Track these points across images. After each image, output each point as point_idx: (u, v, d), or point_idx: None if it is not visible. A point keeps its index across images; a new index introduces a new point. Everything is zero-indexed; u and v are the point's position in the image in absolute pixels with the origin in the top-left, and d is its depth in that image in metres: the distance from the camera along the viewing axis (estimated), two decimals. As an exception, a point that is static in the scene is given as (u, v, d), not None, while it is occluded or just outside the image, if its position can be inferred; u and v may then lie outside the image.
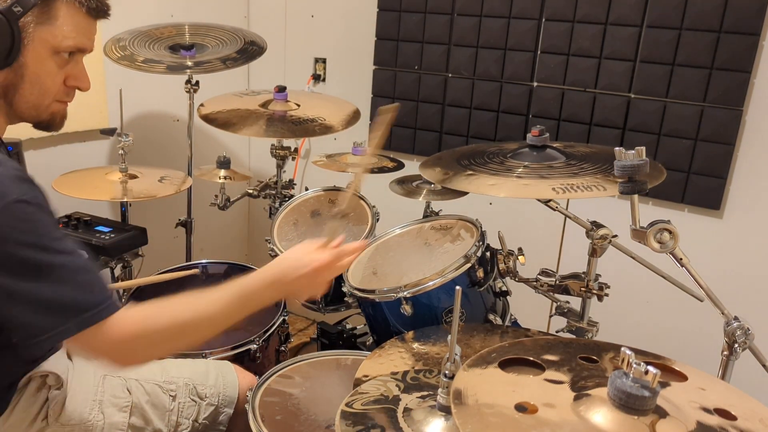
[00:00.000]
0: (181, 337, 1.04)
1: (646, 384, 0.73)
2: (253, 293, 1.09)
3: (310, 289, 1.14)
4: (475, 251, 1.48)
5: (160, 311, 1.02)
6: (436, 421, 0.95)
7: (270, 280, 1.10)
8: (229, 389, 1.39)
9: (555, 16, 2.07)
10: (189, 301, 1.05)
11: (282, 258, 1.15)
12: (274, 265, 1.13)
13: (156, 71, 2.04)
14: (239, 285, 1.08)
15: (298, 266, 1.11)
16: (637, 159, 1.11)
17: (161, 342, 1.03)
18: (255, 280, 1.09)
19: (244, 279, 1.09)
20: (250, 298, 1.08)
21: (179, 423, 1.31)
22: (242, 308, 1.08)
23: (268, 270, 1.11)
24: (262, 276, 1.10)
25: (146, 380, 1.30)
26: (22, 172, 0.97)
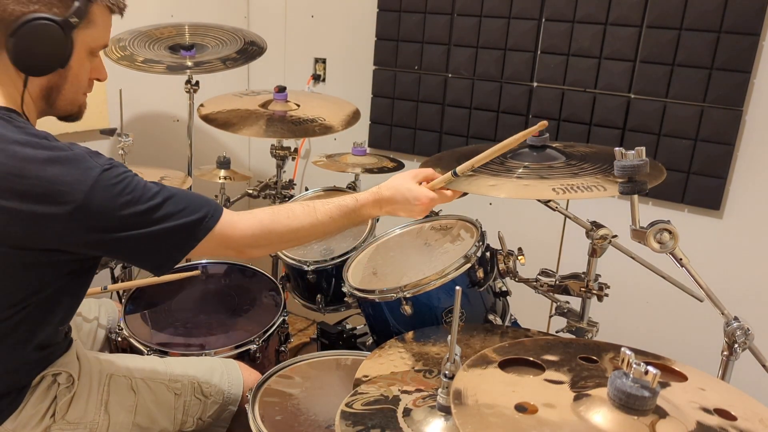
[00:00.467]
0: (295, 239, 1.23)
1: (646, 384, 0.73)
2: (360, 209, 1.26)
3: (408, 213, 1.30)
4: (475, 251, 1.48)
5: (275, 216, 1.19)
6: (435, 422, 0.95)
7: (379, 199, 1.27)
8: (234, 387, 1.39)
9: (555, 16, 2.07)
10: (301, 210, 1.21)
11: (392, 183, 1.30)
12: (386, 187, 1.29)
13: (156, 71, 2.04)
14: (348, 201, 1.25)
15: (408, 196, 1.27)
16: (637, 159, 1.11)
17: (276, 241, 1.20)
18: (364, 198, 1.26)
19: (352, 196, 1.26)
20: (357, 213, 1.25)
21: (184, 421, 1.32)
22: (348, 221, 1.25)
23: (379, 191, 1.28)
24: (372, 196, 1.27)
25: (152, 379, 1.30)
26: (90, 149, 1.07)
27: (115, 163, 1.06)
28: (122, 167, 1.07)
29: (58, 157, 1.01)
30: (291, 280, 1.97)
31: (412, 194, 1.27)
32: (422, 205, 1.28)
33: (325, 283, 1.85)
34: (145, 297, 1.80)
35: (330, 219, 1.22)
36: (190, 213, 1.09)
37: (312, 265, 1.79)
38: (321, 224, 1.22)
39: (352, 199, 1.26)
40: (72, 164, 1.01)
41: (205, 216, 1.11)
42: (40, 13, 1.04)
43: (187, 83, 2.17)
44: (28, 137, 1.02)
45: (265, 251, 1.27)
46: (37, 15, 1.04)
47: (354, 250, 1.77)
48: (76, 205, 0.99)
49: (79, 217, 1.00)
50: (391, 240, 1.75)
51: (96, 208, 1.01)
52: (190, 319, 1.73)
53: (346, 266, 1.68)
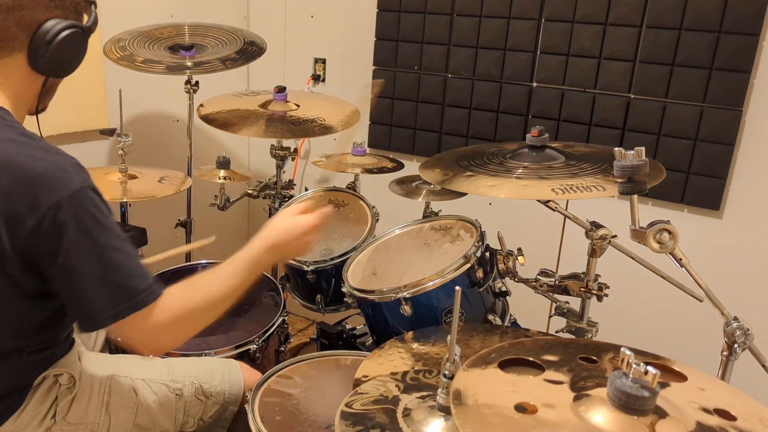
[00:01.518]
0: (213, 312, 1.16)
1: (646, 384, 0.73)
2: (259, 260, 1.21)
3: (301, 249, 1.28)
4: (474, 251, 1.48)
5: (193, 290, 1.13)
6: (435, 422, 0.95)
7: (270, 245, 1.22)
8: (235, 387, 1.39)
9: (555, 16, 2.07)
10: (212, 277, 1.16)
11: (274, 224, 1.27)
12: (270, 231, 1.25)
13: (156, 71, 2.04)
14: (247, 255, 1.20)
15: (291, 229, 1.25)
16: (636, 159, 1.11)
17: (197, 319, 1.14)
18: (258, 248, 1.21)
19: (248, 249, 1.21)
20: (257, 266, 1.20)
21: (185, 421, 1.32)
22: (252, 276, 1.20)
23: (266, 237, 1.23)
24: (263, 243, 1.22)
25: (153, 380, 1.30)
26: (78, 161, 1.05)
27: (97, 188, 1.05)
28: (102, 197, 1.05)
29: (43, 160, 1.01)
30: (291, 280, 1.97)
31: (296, 222, 1.27)
32: (310, 229, 1.27)
33: (324, 284, 1.85)
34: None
35: (234, 278, 1.17)
36: (139, 275, 1.05)
37: (312, 265, 1.79)
38: (230, 288, 1.17)
39: (246, 252, 1.22)
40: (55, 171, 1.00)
41: (152, 284, 1.07)
42: (66, 20, 1.09)
43: (186, 83, 2.17)
44: (24, 138, 1.04)
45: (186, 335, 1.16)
46: (69, 23, 1.09)
47: (354, 250, 1.77)
48: (47, 210, 0.98)
49: (45, 226, 0.98)
50: (391, 240, 1.75)
51: (63, 220, 0.99)
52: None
53: (345, 266, 1.68)
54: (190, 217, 2.34)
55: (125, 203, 2.05)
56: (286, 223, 1.26)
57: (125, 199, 1.88)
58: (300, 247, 1.27)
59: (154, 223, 2.13)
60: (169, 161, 2.32)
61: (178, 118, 2.57)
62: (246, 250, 1.21)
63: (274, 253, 1.23)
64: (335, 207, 2.01)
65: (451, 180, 1.40)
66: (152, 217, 2.24)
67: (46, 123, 2.20)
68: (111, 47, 2.04)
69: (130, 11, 2.30)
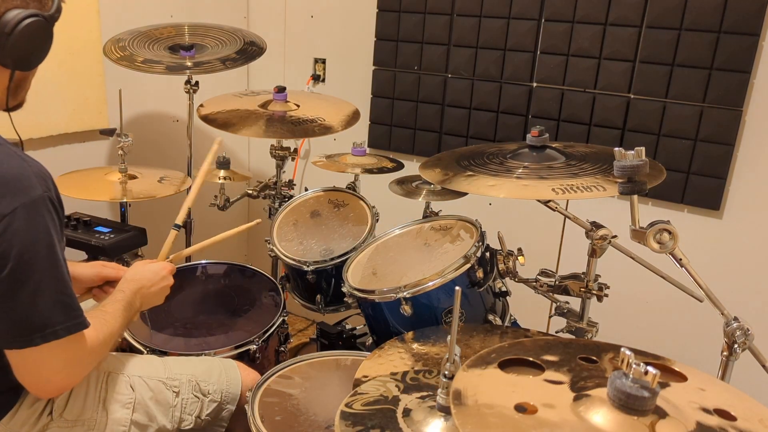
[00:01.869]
0: (110, 345, 1.19)
1: (646, 384, 0.73)
2: (132, 303, 1.28)
3: (161, 294, 1.38)
4: (474, 252, 1.48)
5: (100, 324, 1.15)
6: (435, 422, 0.95)
7: (137, 287, 1.31)
8: (232, 386, 1.39)
9: (554, 16, 2.07)
10: (105, 316, 1.19)
11: (135, 270, 1.36)
12: (134, 275, 1.34)
13: (155, 71, 2.04)
14: (122, 296, 1.26)
15: (151, 275, 1.36)
16: (636, 159, 1.11)
17: (98, 356, 1.16)
18: (129, 290, 1.29)
19: (121, 291, 1.28)
20: (131, 306, 1.28)
21: (182, 419, 1.31)
22: (129, 315, 1.26)
23: (132, 281, 1.32)
24: (132, 287, 1.30)
25: (150, 377, 1.31)
26: (44, 168, 1.05)
27: (58, 200, 1.05)
28: (60, 210, 1.05)
29: None
30: (291, 281, 1.97)
31: (155, 266, 1.38)
32: (168, 271, 1.40)
33: (324, 284, 1.85)
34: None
35: (120, 318, 1.22)
36: (71, 303, 1.05)
37: (312, 265, 1.79)
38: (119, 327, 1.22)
39: (121, 293, 1.28)
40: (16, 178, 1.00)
41: (81, 316, 1.07)
42: (26, 10, 1.05)
43: (186, 83, 2.17)
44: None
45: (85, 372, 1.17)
46: (30, 12, 1.05)
47: (354, 250, 1.77)
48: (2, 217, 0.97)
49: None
50: (391, 240, 1.75)
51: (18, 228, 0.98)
52: (189, 319, 1.73)
53: (345, 266, 1.68)
54: (190, 217, 2.34)
55: (125, 203, 2.05)
56: (147, 269, 1.37)
57: (125, 199, 1.88)
58: (161, 292, 1.38)
59: (154, 223, 2.13)
60: (169, 161, 2.32)
61: (178, 118, 2.58)
62: (120, 292, 1.27)
63: (141, 297, 1.32)
64: (335, 207, 2.02)
65: (451, 180, 1.40)
66: (152, 217, 2.24)
67: (46, 123, 2.22)
68: (111, 47, 2.04)
69: (130, 11, 2.30)
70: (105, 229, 1.84)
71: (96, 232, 1.82)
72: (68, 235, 1.79)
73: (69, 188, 1.82)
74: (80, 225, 1.85)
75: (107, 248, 1.77)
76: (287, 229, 1.97)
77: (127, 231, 1.86)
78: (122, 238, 1.81)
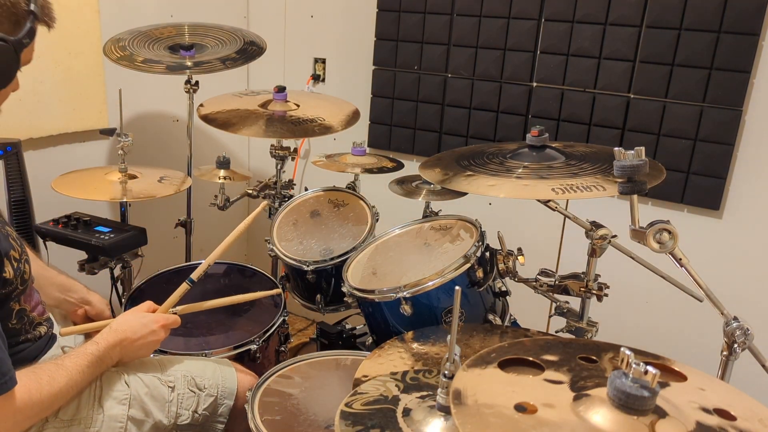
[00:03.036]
0: (57, 403, 1.13)
1: (646, 384, 0.73)
2: (105, 356, 1.22)
3: (147, 348, 1.32)
4: (474, 251, 1.48)
5: (40, 383, 1.08)
6: (435, 422, 0.95)
7: (118, 339, 1.25)
8: (228, 381, 1.39)
9: (554, 16, 2.07)
10: (59, 371, 1.12)
11: (125, 319, 1.32)
12: (121, 325, 1.29)
13: (155, 71, 2.04)
14: (94, 349, 1.21)
15: (141, 326, 1.30)
16: (636, 159, 1.11)
17: (43, 410, 1.10)
18: (105, 343, 1.23)
19: (95, 343, 1.22)
20: (103, 360, 1.22)
21: (179, 414, 1.32)
22: (98, 370, 1.21)
23: (116, 331, 1.26)
24: (111, 339, 1.25)
25: (144, 373, 1.31)
26: None
27: None
28: None
29: None
30: (291, 280, 1.97)
31: (147, 319, 1.32)
32: (161, 325, 1.33)
33: (324, 283, 1.85)
34: (144, 297, 1.79)
35: (80, 374, 1.15)
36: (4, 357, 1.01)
37: (312, 265, 1.79)
38: (75, 383, 1.14)
39: (94, 345, 1.22)
40: None
41: (8, 373, 1.02)
42: None
43: (186, 83, 2.17)
44: None
45: (22, 428, 1.12)
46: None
47: (353, 250, 1.77)
48: None
49: None
50: (391, 240, 1.75)
51: None
52: (189, 319, 1.72)
53: (345, 266, 1.68)
54: (190, 216, 2.34)
55: (125, 203, 2.05)
56: (137, 320, 1.32)
57: (125, 199, 1.88)
58: (147, 346, 1.31)
59: (154, 223, 2.13)
60: (168, 161, 2.32)
61: (178, 118, 2.57)
62: (94, 344, 1.22)
63: (121, 349, 1.26)
64: (335, 207, 2.02)
65: (451, 180, 1.40)
66: (152, 217, 2.24)
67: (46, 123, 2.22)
68: (111, 47, 2.04)
69: (130, 11, 2.30)
70: (105, 229, 1.84)
71: (96, 232, 1.82)
72: (68, 235, 1.79)
73: (69, 188, 1.82)
74: (80, 225, 1.85)
75: (107, 248, 1.77)
76: (287, 229, 1.97)
77: (127, 231, 1.85)
78: (122, 238, 1.81)
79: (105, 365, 1.23)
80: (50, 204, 1.90)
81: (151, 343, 1.32)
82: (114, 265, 1.87)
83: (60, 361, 1.16)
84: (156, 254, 2.11)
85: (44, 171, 1.99)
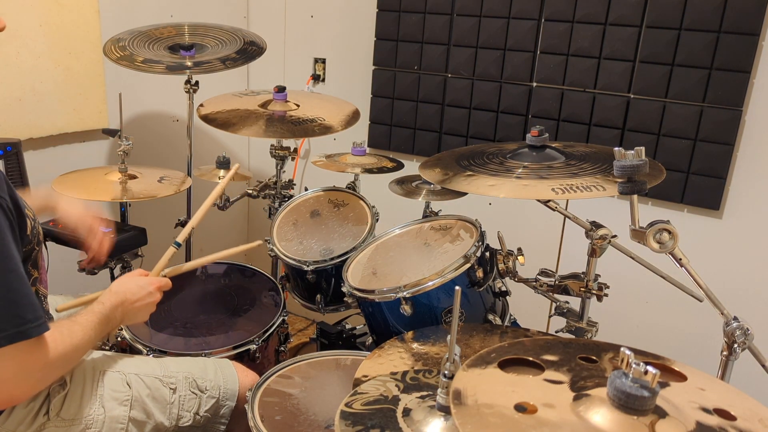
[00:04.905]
0: (76, 356, 1.16)
1: (646, 384, 0.73)
2: (111, 315, 1.25)
3: (146, 309, 1.36)
4: (474, 251, 1.48)
5: (63, 334, 1.11)
6: (435, 422, 0.95)
7: (119, 301, 1.29)
8: (230, 383, 1.39)
9: (554, 16, 2.07)
10: (73, 324, 1.15)
11: (122, 281, 1.35)
12: (119, 287, 1.32)
13: (155, 71, 2.04)
14: (100, 308, 1.24)
15: (137, 289, 1.34)
16: (636, 159, 1.11)
17: (66, 363, 1.13)
18: (109, 303, 1.26)
19: (100, 303, 1.25)
20: (110, 319, 1.25)
21: (180, 416, 1.31)
22: (106, 328, 1.24)
23: (116, 293, 1.30)
24: (114, 299, 1.28)
25: (146, 374, 1.31)
26: None
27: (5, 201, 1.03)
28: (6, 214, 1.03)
29: None
30: (291, 280, 1.97)
31: (143, 281, 1.37)
32: (156, 287, 1.38)
33: (324, 283, 1.85)
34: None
35: (93, 329, 1.18)
36: (27, 303, 1.02)
37: (312, 265, 1.79)
38: (89, 338, 1.17)
39: (99, 305, 1.25)
40: None
41: (41, 317, 1.03)
42: None
43: (186, 83, 2.17)
44: None
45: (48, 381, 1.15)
46: None
47: (354, 250, 1.77)
48: None
49: None
50: (391, 240, 1.75)
51: None
52: (189, 319, 1.73)
53: (345, 266, 1.68)
54: (190, 217, 2.34)
55: (125, 203, 2.05)
56: (134, 282, 1.35)
57: (125, 199, 1.88)
58: (146, 307, 1.35)
59: (154, 223, 2.13)
60: (168, 161, 2.32)
61: (178, 118, 2.57)
62: (98, 303, 1.25)
63: (123, 309, 1.29)
64: (335, 207, 2.02)
65: (451, 180, 1.40)
66: (152, 217, 2.24)
67: (46, 123, 2.21)
68: (111, 47, 2.04)
69: (130, 11, 2.30)
70: (105, 229, 1.84)
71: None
72: (68, 235, 1.79)
73: (69, 188, 1.82)
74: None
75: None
76: (287, 229, 1.97)
77: (127, 231, 1.85)
78: (122, 238, 1.81)
79: (111, 325, 1.26)
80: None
81: (149, 305, 1.36)
82: (114, 265, 1.87)
83: (73, 318, 1.19)
84: (156, 254, 2.10)
85: (44, 171, 1.99)
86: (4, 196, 1.03)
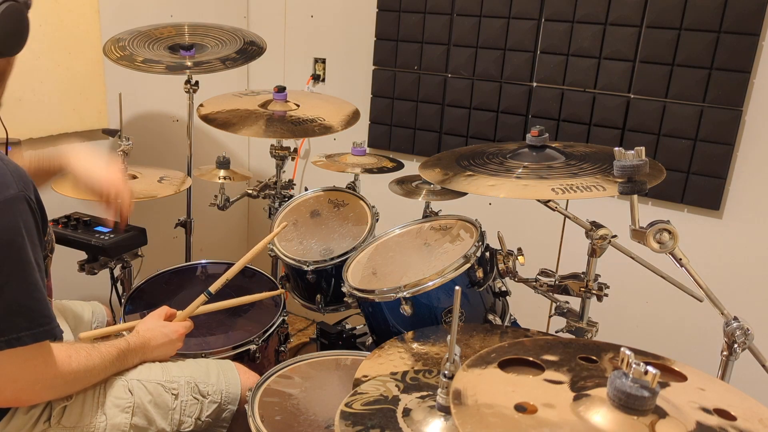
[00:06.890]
0: (87, 379, 1.18)
1: (646, 384, 0.73)
2: (129, 353, 1.28)
3: (164, 355, 1.39)
4: (474, 251, 1.48)
5: (79, 354, 1.15)
6: (435, 422, 0.95)
7: (140, 345, 1.32)
8: (232, 387, 1.39)
9: (554, 16, 2.07)
10: (93, 350, 1.19)
11: (147, 327, 1.38)
12: (144, 333, 1.36)
13: (155, 71, 2.04)
14: (123, 344, 1.27)
15: (161, 337, 1.37)
16: (636, 159, 1.11)
17: (76, 381, 1.15)
18: (133, 344, 1.30)
19: (125, 340, 1.29)
20: (127, 357, 1.28)
21: (182, 421, 1.31)
22: (122, 365, 1.27)
23: (139, 337, 1.33)
24: (136, 341, 1.31)
25: (148, 380, 1.30)
26: (23, 170, 1.04)
27: (35, 200, 1.03)
28: (36, 212, 1.04)
29: None
30: (291, 280, 1.97)
31: (168, 329, 1.40)
32: (180, 335, 1.42)
33: (324, 283, 1.85)
34: (144, 297, 1.80)
35: (110, 361, 1.22)
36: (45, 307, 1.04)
37: (312, 265, 1.79)
38: (104, 367, 1.21)
39: (124, 341, 1.29)
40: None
41: (49, 324, 1.05)
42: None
43: (186, 83, 2.17)
44: None
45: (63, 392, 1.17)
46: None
47: (354, 250, 1.77)
48: None
49: None
50: (391, 240, 1.75)
51: None
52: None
53: (345, 266, 1.68)
54: (190, 217, 2.34)
55: (125, 203, 2.05)
56: (159, 328, 1.39)
57: (125, 199, 1.88)
58: (164, 354, 1.38)
59: (154, 223, 2.13)
60: (168, 161, 2.32)
61: (178, 118, 2.57)
62: (123, 340, 1.29)
63: (142, 352, 1.33)
64: (335, 207, 2.02)
65: (451, 180, 1.40)
66: (152, 217, 2.24)
67: (46, 123, 2.21)
68: (111, 47, 2.04)
69: (130, 11, 2.30)
70: (105, 229, 1.84)
71: (96, 232, 1.82)
72: (68, 235, 1.79)
73: (69, 188, 1.82)
74: (80, 225, 1.85)
75: (107, 248, 1.77)
76: (287, 229, 1.97)
77: (126, 231, 1.85)
78: (122, 238, 1.81)
79: (128, 363, 1.29)
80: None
81: (168, 352, 1.40)
82: (114, 266, 1.87)
83: (96, 345, 1.22)
84: (156, 254, 2.11)
85: (44, 171, 1.98)
86: (31, 197, 1.04)
